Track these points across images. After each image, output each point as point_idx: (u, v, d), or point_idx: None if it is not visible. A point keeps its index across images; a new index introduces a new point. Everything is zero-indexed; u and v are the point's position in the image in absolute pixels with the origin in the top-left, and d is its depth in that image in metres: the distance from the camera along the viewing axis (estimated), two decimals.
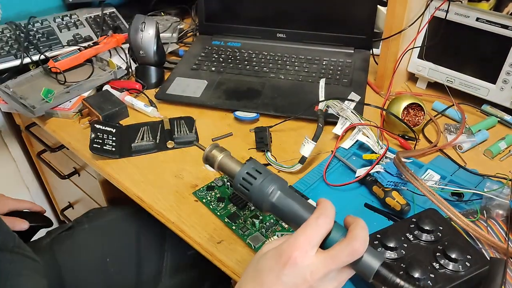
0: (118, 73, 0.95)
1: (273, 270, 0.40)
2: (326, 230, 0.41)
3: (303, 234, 0.40)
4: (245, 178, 0.44)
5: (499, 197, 0.61)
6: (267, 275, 0.40)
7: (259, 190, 0.43)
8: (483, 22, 0.81)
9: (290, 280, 0.39)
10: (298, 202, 0.43)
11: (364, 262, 0.39)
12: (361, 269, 0.40)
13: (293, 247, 0.39)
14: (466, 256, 0.50)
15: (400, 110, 0.78)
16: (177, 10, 1.24)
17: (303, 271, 0.39)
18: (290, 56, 1.01)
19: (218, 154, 0.49)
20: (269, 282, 0.40)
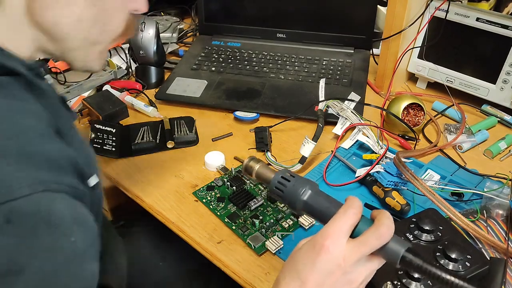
0: (118, 73, 0.95)
1: (308, 259, 0.42)
2: (354, 221, 0.43)
3: (334, 225, 0.42)
4: (280, 181, 0.49)
5: (499, 197, 0.61)
6: (303, 265, 0.42)
7: (293, 190, 0.47)
8: (483, 22, 0.81)
9: (324, 267, 0.41)
10: (327, 200, 0.46)
11: (391, 248, 0.42)
12: (388, 255, 0.42)
13: (325, 237, 0.42)
14: (466, 256, 0.50)
15: (400, 110, 0.78)
16: (177, 10, 1.24)
17: (336, 257, 0.41)
18: (290, 56, 1.01)
19: (255, 164, 0.54)
20: (305, 271, 0.42)
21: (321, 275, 0.42)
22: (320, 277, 0.42)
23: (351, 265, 0.42)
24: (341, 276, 0.42)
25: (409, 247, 0.42)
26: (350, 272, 0.42)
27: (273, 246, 0.59)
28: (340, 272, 0.42)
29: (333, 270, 0.42)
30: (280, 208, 0.65)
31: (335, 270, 0.42)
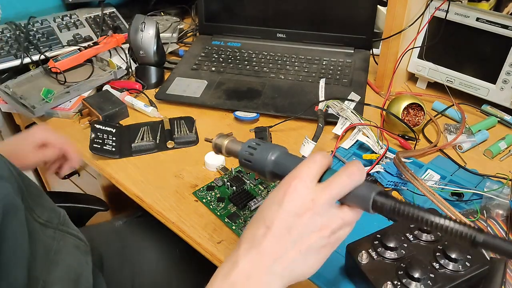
0: (118, 73, 0.96)
1: (273, 203, 0.40)
2: (323, 164, 0.41)
3: (301, 166, 0.40)
4: (247, 150, 0.47)
5: (499, 197, 0.61)
6: (268, 210, 0.40)
7: (261, 156, 0.46)
8: (483, 22, 0.81)
9: (291, 209, 0.39)
10: (298, 158, 0.44)
11: (361, 193, 0.40)
12: (359, 200, 0.40)
13: (293, 177, 0.39)
14: (466, 256, 0.50)
15: (400, 110, 0.78)
16: (177, 10, 1.25)
17: (304, 197, 0.39)
18: (290, 56, 1.01)
19: (224, 140, 0.52)
20: (270, 215, 0.39)
21: (287, 216, 0.39)
22: (287, 219, 0.39)
23: (321, 207, 0.39)
24: (310, 219, 0.39)
25: (380, 190, 0.40)
26: (320, 214, 0.39)
27: None
28: (309, 214, 0.38)
29: (300, 211, 0.38)
30: None
31: (303, 212, 0.38)
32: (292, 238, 0.39)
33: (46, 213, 0.54)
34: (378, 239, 0.53)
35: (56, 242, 0.54)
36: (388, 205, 0.39)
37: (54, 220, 0.56)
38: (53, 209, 0.57)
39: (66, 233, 0.57)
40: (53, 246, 0.53)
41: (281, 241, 0.39)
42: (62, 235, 0.56)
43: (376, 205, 0.40)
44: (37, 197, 0.55)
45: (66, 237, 0.57)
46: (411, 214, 0.38)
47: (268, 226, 0.39)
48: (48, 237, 0.53)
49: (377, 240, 0.53)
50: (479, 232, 0.36)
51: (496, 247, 0.36)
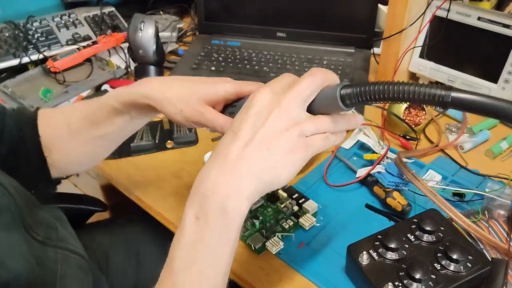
0: (117, 73, 0.95)
1: (241, 111, 0.40)
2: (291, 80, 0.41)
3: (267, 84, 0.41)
4: None
5: (501, 197, 0.61)
6: (237, 117, 0.40)
7: None
8: (485, 21, 0.80)
9: (256, 110, 0.39)
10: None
11: (326, 94, 0.40)
12: (328, 102, 0.40)
13: (256, 91, 0.40)
14: (468, 256, 0.50)
15: (401, 110, 0.78)
16: (176, 9, 1.24)
17: (269, 99, 0.39)
18: (291, 56, 1.00)
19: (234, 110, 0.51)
20: (238, 122, 0.39)
21: (252, 118, 0.38)
22: (252, 121, 0.38)
23: (287, 105, 0.38)
24: (275, 117, 0.38)
25: (344, 84, 0.40)
26: (286, 112, 0.38)
27: (273, 247, 0.59)
28: (275, 112, 0.38)
29: (265, 111, 0.38)
30: (281, 209, 0.64)
31: (268, 111, 0.38)
32: (258, 137, 0.38)
33: (43, 229, 0.53)
34: (379, 240, 0.53)
35: (60, 265, 0.52)
36: (354, 92, 0.38)
37: (52, 236, 0.54)
38: (48, 224, 0.55)
39: (66, 250, 0.55)
40: (58, 272, 0.51)
41: (247, 142, 0.38)
42: (64, 254, 0.54)
43: (343, 98, 0.39)
44: (34, 212, 0.53)
45: (68, 257, 0.55)
46: (378, 92, 0.37)
47: (234, 132, 0.39)
48: (51, 261, 0.51)
49: (378, 241, 0.53)
50: (447, 90, 0.33)
51: (469, 103, 0.33)
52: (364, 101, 0.39)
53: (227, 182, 0.38)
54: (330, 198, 0.67)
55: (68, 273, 0.53)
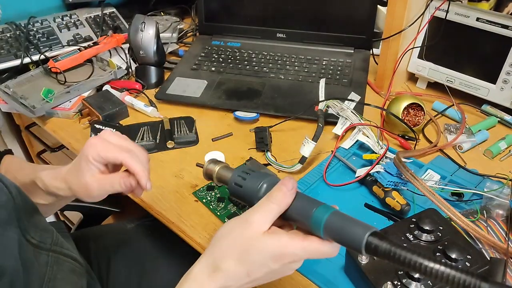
0: (118, 73, 0.95)
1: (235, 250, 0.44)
2: (282, 206, 0.43)
3: (259, 213, 0.43)
4: (240, 175, 0.47)
5: (499, 197, 0.61)
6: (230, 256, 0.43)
7: (250, 187, 0.46)
8: (483, 22, 0.80)
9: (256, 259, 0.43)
10: None
11: (351, 231, 0.39)
12: (350, 239, 0.39)
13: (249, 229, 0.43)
14: (466, 256, 0.50)
15: (400, 110, 0.78)
16: (177, 10, 1.24)
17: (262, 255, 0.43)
18: (290, 56, 1.01)
19: (214, 167, 0.52)
20: (231, 265, 0.43)
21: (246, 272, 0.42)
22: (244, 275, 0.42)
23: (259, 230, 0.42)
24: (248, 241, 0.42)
25: (374, 230, 0.38)
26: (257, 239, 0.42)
27: None
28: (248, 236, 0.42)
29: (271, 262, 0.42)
30: None
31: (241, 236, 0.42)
32: (247, 280, 0.43)
33: (38, 233, 0.54)
34: None
35: (50, 268, 0.53)
36: (383, 248, 0.37)
37: (47, 240, 0.55)
38: (45, 228, 0.56)
39: (60, 254, 0.56)
40: (47, 274, 0.52)
41: (237, 282, 0.43)
42: (56, 258, 0.55)
43: (369, 247, 0.38)
44: (32, 216, 0.54)
45: (60, 260, 0.56)
46: (407, 260, 0.35)
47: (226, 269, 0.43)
48: (41, 265, 0.52)
49: None
50: (483, 280, 0.32)
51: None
52: (387, 260, 0.37)
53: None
54: (330, 197, 0.67)
55: (58, 276, 0.54)
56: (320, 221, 0.41)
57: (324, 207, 0.42)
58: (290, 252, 0.42)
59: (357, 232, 0.38)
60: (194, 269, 0.44)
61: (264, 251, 0.42)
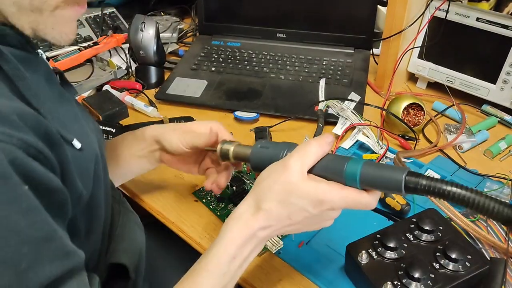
0: (118, 73, 0.95)
1: (278, 195, 0.45)
2: (318, 155, 0.45)
3: (295, 159, 0.44)
4: (262, 146, 0.49)
5: (499, 197, 0.61)
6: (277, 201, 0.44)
7: (275, 154, 0.47)
8: (483, 22, 0.81)
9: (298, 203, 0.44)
10: None
11: (388, 175, 0.41)
12: (389, 185, 0.41)
13: (286, 173, 0.44)
14: (466, 256, 0.50)
15: (400, 110, 0.78)
16: (177, 10, 1.24)
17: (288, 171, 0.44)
18: (290, 56, 1.01)
19: (229, 146, 0.53)
20: (275, 210, 0.44)
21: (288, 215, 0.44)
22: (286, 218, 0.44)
23: (298, 179, 0.43)
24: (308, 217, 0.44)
25: (409, 170, 0.41)
26: (296, 186, 0.43)
27: (273, 246, 0.59)
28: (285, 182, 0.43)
29: (310, 206, 0.43)
30: None
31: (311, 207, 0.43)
32: (289, 222, 0.45)
33: (112, 189, 0.56)
34: (378, 239, 0.53)
35: (121, 217, 0.56)
36: (423, 184, 0.39)
37: (116, 196, 0.57)
38: (113, 186, 0.58)
39: (126, 209, 0.58)
40: (118, 222, 0.55)
41: (278, 224, 0.45)
42: (125, 209, 0.58)
43: (409, 185, 0.40)
44: (105, 172, 0.56)
45: (128, 212, 0.58)
46: (446, 191, 0.38)
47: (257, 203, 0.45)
48: (115, 212, 0.55)
49: (377, 240, 0.53)
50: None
51: None
52: (427, 195, 0.40)
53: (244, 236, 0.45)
54: None
55: (128, 225, 0.56)
56: (355, 172, 0.42)
57: (355, 160, 0.43)
58: (329, 199, 0.43)
59: (394, 174, 0.40)
60: (239, 208, 0.46)
61: (303, 195, 0.43)
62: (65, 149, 0.39)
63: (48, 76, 0.45)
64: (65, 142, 0.40)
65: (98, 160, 0.46)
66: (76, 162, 0.41)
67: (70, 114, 0.45)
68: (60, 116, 0.42)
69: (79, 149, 0.42)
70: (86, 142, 0.44)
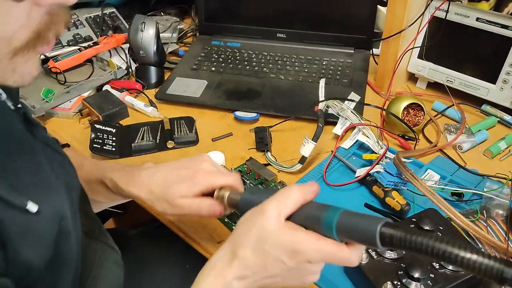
0: (118, 73, 0.96)
1: (251, 240, 0.42)
2: (297, 201, 0.42)
3: (273, 201, 0.42)
4: (246, 197, 0.48)
5: (499, 197, 0.61)
6: (245, 244, 0.42)
7: (258, 201, 0.44)
8: (483, 22, 0.81)
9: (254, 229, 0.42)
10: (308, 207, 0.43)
11: (363, 226, 0.37)
12: (362, 236, 0.37)
13: (262, 216, 0.42)
14: None
15: (400, 110, 0.78)
16: (177, 10, 1.24)
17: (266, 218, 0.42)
18: (290, 56, 1.01)
19: (224, 192, 0.52)
20: (248, 253, 0.42)
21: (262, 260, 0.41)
22: (261, 263, 0.41)
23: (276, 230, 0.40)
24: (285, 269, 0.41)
25: (386, 221, 0.36)
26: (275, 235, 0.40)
27: None
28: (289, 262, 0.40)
29: (284, 258, 0.40)
30: None
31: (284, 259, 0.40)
32: (265, 274, 0.42)
33: (89, 221, 0.54)
34: None
35: (98, 256, 0.53)
36: (398, 236, 0.35)
37: (95, 231, 0.55)
38: (93, 218, 0.56)
39: (106, 245, 0.56)
40: (96, 262, 0.53)
41: (255, 275, 0.42)
42: (102, 247, 0.55)
43: (384, 238, 0.36)
44: (84, 204, 0.54)
45: (106, 250, 0.56)
46: (424, 246, 0.33)
47: (245, 260, 0.42)
48: (91, 252, 0.53)
49: None
50: (506, 265, 0.30)
51: None
52: (403, 249, 0.36)
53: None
54: (330, 197, 0.68)
55: (104, 265, 0.54)
56: (331, 221, 0.39)
57: (334, 208, 0.40)
58: (304, 250, 0.40)
59: (370, 225, 0.37)
60: (216, 254, 0.44)
61: (277, 243, 0.40)
62: (10, 217, 0.34)
63: (4, 127, 0.40)
64: (13, 208, 0.35)
65: (65, 217, 0.41)
66: (27, 230, 0.36)
67: (30, 168, 0.40)
68: (13, 175, 0.37)
69: (35, 213, 0.37)
70: (48, 201, 0.39)
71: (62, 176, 0.44)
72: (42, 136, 0.46)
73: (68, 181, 0.46)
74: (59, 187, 0.42)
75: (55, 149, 0.47)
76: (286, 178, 0.72)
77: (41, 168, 0.41)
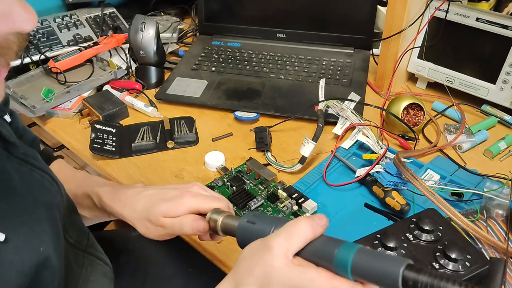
0: (118, 73, 0.96)
1: (253, 277, 0.39)
2: (306, 238, 0.39)
3: (280, 238, 0.39)
4: (248, 220, 0.44)
5: (499, 197, 0.61)
6: (249, 277, 0.39)
7: (259, 232, 0.42)
8: (483, 22, 0.81)
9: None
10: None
11: (383, 268, 0.35)
12: (382, 278, 0.35)
13: (269, 253, 0.38)
14: (466, 256, 0.50)
15: (400, 110, 0.78)
16: (177, 10, 1.24)
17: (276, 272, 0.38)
18: (290, 56, 1.01)
19: (218, 216, 0.48)
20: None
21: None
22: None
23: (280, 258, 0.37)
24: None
25: (409, 263, 0.34)
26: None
27: None
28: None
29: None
30: (280, 208, 0.65)
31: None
32: None
33: (76, 232, 0.53)
34: (378, 239, 0.53)
35: (85, 269, 0.52)
36: (424, 282, 0.33)
37: (83, 241, 0.55)
38: (81, 228, 0.56)
39: (94, 257, 0.56)
40: (82, 275, 0.52)
41: None
42: (90, 260, 0.55)
43: (407, 282, 0.33)
44: (71, 214, 0.53)
45: (94, 262, 0.55)
46: None
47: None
48: (77, 265, 0.52)
49: (377, 240, 0.53)
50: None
51: None
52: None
53: None
54: (330, 197, 0.68)
55: (91, 278, 0.53)
56: (347, 260, 0.36)
57: (348, 245, 0.37)
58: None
59: (390, 267, 0.34)
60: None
61: (286, 282, 0.37)
62: None
63: None
64: None
65: (43, 241, 0.40)
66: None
67: (0, 195, 0.39)
68: None
69: (3, 242, 0.35)
70: (19, 229, 0.38)
71: (40, 197, 0.43)
72: (20, 153, 0.45)
73: (48, 200, 0.45)
74: (36, 210, 0.41)
75: (34, 165, 0.46)
76: (286, 178, 0.72)
77: (13, 193, 0.39)
